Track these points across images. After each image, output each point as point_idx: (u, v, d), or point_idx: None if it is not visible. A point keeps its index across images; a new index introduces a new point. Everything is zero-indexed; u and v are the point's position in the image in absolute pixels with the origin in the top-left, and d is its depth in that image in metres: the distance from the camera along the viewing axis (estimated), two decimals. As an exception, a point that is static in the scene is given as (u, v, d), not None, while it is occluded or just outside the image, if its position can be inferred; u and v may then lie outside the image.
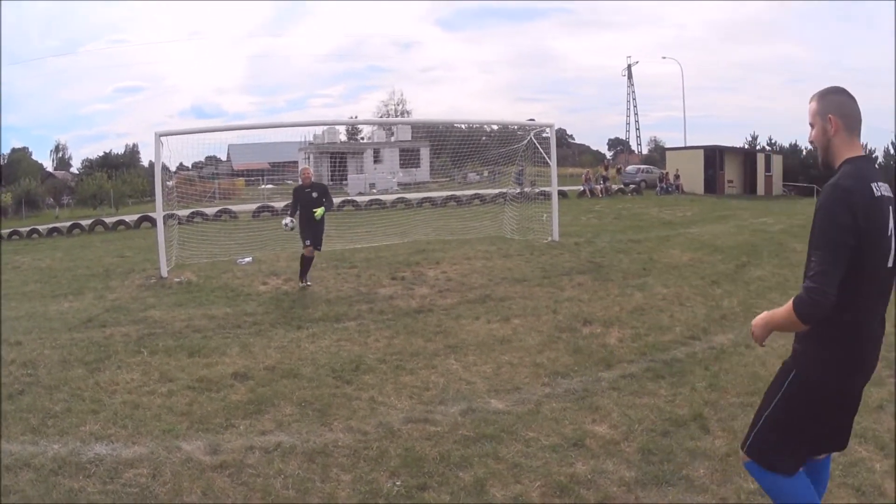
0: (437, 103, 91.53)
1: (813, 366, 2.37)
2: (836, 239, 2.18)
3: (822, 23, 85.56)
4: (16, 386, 5.35)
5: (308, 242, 9.39)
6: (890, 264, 2.29)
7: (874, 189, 2.25)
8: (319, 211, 9.35)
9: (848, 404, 2.46)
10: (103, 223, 24.00)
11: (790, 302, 2.23)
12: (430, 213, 19.30)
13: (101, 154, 56.67)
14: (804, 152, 39.56)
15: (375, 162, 37.92)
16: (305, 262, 9.61)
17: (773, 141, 45.30)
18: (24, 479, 3.69)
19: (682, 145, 42.93)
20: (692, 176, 32.22)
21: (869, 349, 2.38)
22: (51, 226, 25.10)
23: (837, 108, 2.38)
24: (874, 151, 43.29)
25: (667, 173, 32.91)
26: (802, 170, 36.16)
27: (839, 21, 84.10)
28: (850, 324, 2.29)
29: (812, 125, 2.46)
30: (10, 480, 3.67)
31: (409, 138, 38.59)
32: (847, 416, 2.49)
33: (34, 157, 65.03)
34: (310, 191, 9.53)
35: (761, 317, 2.44)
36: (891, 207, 2.29)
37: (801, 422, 2.42)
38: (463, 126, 20.68)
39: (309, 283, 9.57)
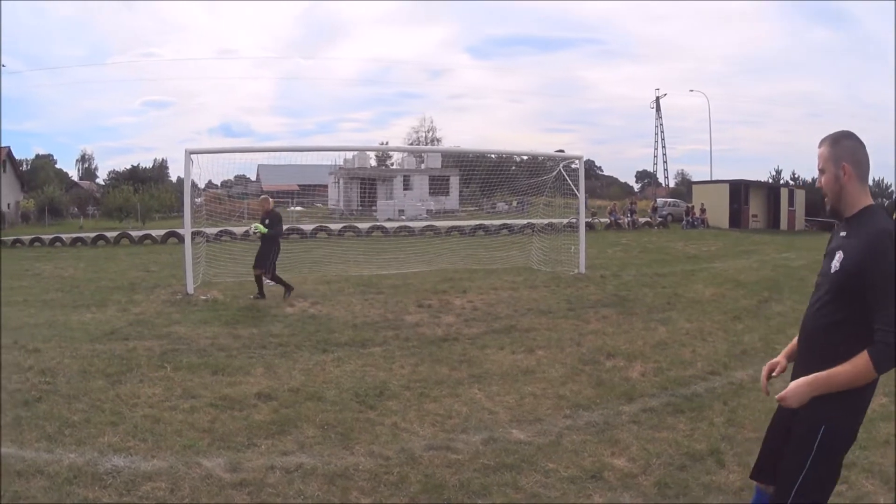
0: (465, 131, 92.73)
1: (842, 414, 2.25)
2: None
3: (839, 58, 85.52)
4: (33, 393, 5.38)
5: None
6: None
7: None
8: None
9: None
10: (129, 236, 24.23)
11: (862, 359, 2.11)
12: (458, 242, 19.29)
13: (129, 167, 57.71)
14: (827, 187, 39.28)
15: (405, 188, 38.23)
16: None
17: (796, 175, 44.92)
18: (37, 485, 3.68)
19: (708, 179, 42.81)
20: (717, 210, 32.03)
21: None
22: (75, 235, 25.27)
23: (851, 155, 2.32)
24: (889, 187, 42.75)
25: (692, 207, 32.73)
26: (824, 205, 35.72)
27: (855, 56, 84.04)
28: None
29: (822, 171, 2.39)
30: (21, 486, 3.66)
31: (439, 166, 38.90)
32: None
33: (59, 165, 66.72)
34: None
35: (806, 381, 2.22)
36: None
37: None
38: (493, 156, 20.73)
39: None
